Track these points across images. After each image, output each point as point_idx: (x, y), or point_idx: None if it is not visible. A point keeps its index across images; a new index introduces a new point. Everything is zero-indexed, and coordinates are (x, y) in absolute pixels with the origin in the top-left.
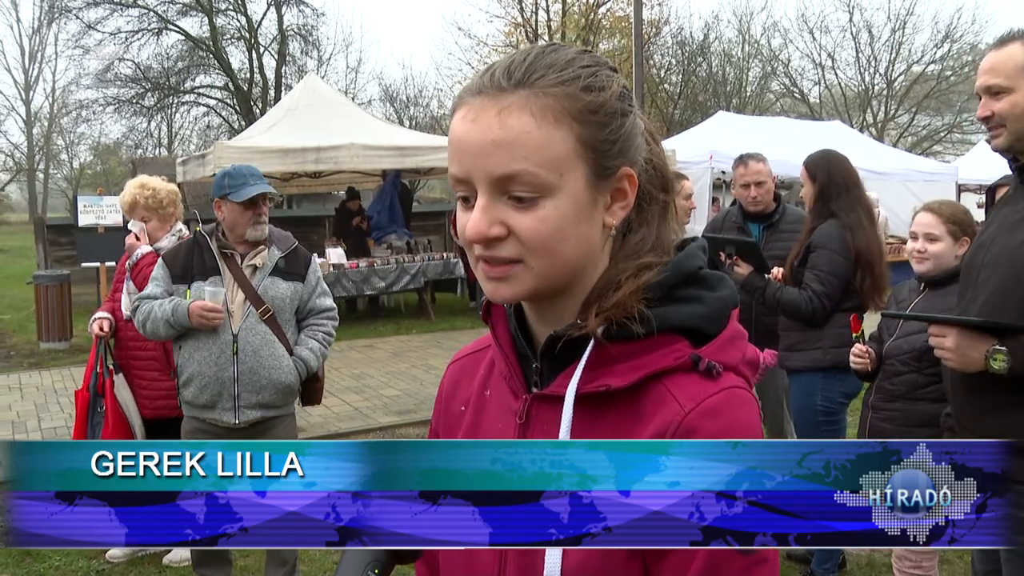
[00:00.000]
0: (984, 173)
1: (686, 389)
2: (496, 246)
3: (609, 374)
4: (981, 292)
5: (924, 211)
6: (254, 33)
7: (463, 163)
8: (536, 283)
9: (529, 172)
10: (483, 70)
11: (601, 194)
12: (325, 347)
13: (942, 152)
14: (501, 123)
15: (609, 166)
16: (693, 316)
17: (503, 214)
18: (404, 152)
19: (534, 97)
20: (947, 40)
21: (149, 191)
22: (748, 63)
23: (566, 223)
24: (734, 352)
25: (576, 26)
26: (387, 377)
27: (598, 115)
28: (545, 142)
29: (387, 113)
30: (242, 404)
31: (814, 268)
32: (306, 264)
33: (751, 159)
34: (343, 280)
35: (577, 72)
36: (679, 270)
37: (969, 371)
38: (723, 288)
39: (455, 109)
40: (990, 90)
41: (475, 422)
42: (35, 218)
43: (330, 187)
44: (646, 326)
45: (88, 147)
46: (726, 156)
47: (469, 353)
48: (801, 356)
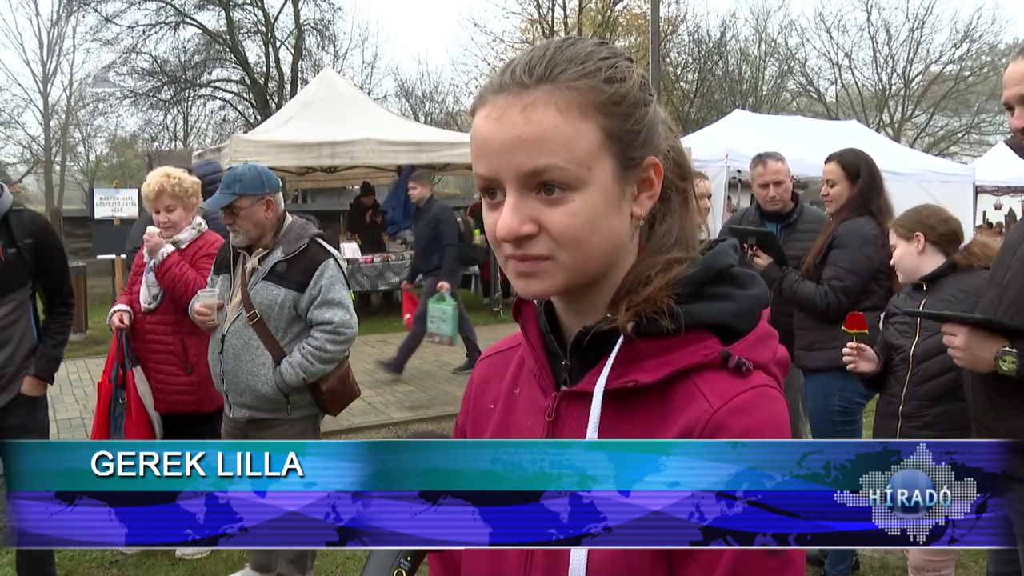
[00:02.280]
0: (1002, 175)
1: (715, 386)
2: (527, 244)
3: (638, 370)
4: (1007, 295)
5: None
6: (271, 27)
7: (490, 162)
8: (567, 278)
9: (558, 167)
10: (501, 69)
11: (628, 185)
12: (309, 362)
13: (959, 153)
14: (527, 119)
15: (635, 156)
16: (723, 313)
17: (533, 211)
18: (420, 147)
19: (558, 91)
20: (966, 40)
21: (175, 179)
22: (765, 62)
23: (596, 216)
24: (764, 351)
25: (593, 23)
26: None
27: (622, 106)
28: (572, 136)
29: (403, 108)
30: (231, 401)
31: (834, 264)
32: (309, 271)
33: (770, 158)
34: (357, 275)
35: (598, 64)
36: (710, 266)
37: (979, 371)
38: (755, 286)
39: (476, 109)
40: (1023, 99)
41: (504, 420)
42: (51, 210)
43: (345, 182)
44: (675, 322)
45: (104, 140)
46: (742, 155)
47: (500, 351)
48: (818, 355)
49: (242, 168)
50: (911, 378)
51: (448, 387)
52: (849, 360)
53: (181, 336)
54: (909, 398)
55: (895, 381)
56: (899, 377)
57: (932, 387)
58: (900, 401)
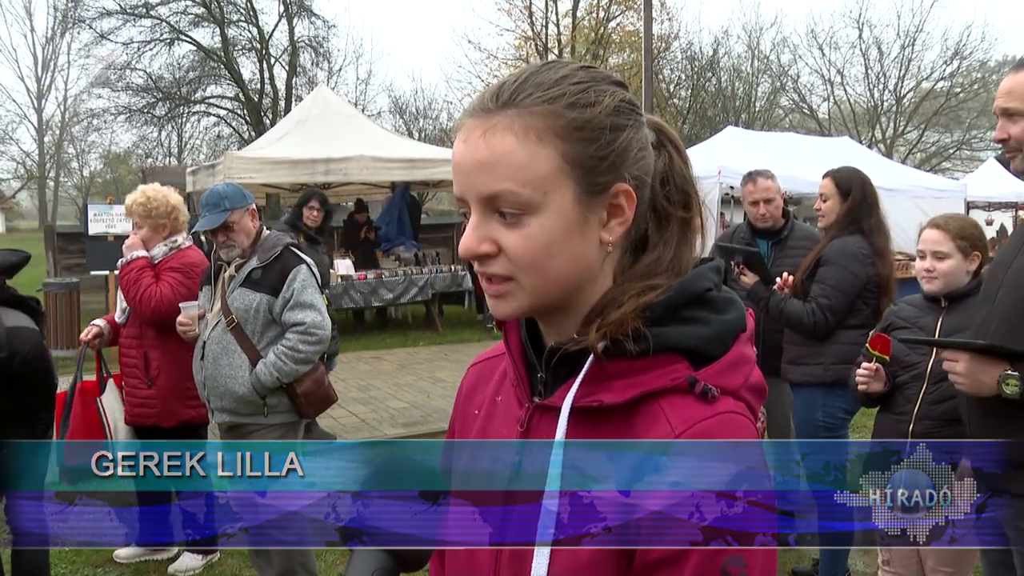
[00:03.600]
0: (993, 190)
1: (680, 411)
2: (488, 263)
3: (605, 390)
4: (998, 312)
5: (931, 227)
6: (265, 44)
7: (459, 183)
8: (531, 300)
9: (511, 191)
10: (480, 93)
11: (593, 211)
12: (283, 361)
13: (951, 169)
14: (487, 143)
15: (599, 182)
16: (694, 337)
17: (493, 231)
18: (413, 164)
19: (518, 117)
20: (956, 57)
21: (143, 198)
22: (757, 78)
23: (553, 240)
24: (735, 376)
25: (586, 40)
26: (394, 389)
27: (584, 131)
28: (527, 161)
29: (397, 125)
30: (212, 406)
31: (822, 281)
32: (283, 276)
33: (760, 176)
34: (351, 291)
35: (564, 89)
36: (685, 290)
37: (981, 395)
38: (731, 311)
39: (455, 131)
40: (1007, 112)
41: (485, 426)
42: (45, 226)
43: (339, 198)
44: (642, 344)
45: (99, 156)
46: (735, 171)
47: (489, 358)
48: (803, 370)
49: (220, 187)
50: (925, 396)
51: (441, 403)
52: (863, 381)
53: (144, 349)
54: (922, 417)
55: (904, 399)
56: (909, 395)
57: (951, 407)
58: (911, 420)
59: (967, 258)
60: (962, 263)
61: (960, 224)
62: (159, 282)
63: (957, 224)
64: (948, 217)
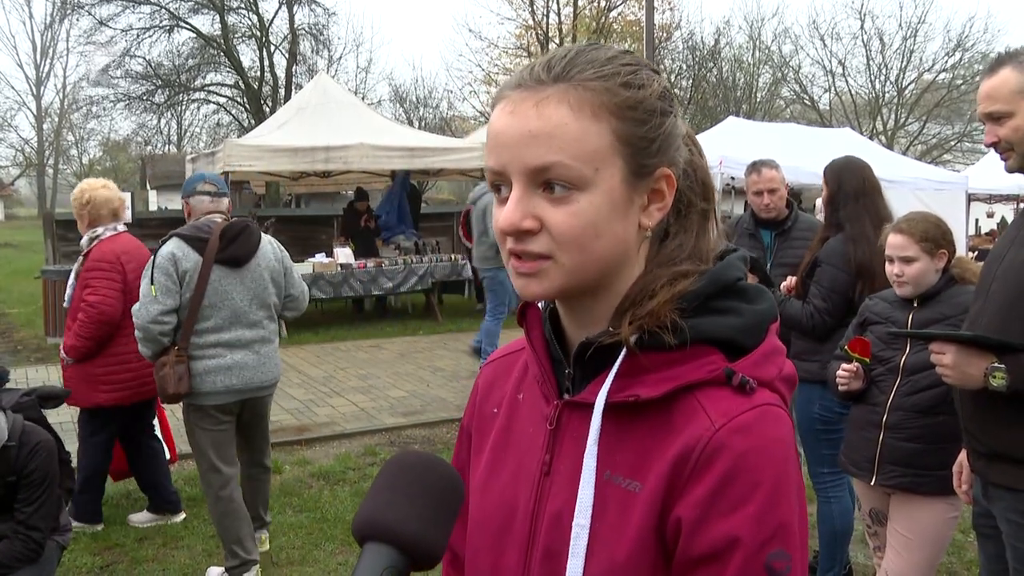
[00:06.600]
0: (994, 183)
1: (718, 404)
2: (528, 240)
3: (640, 384)
4: (991, 305)
5: (895, 232)
6: (265, 32)
7: (500, 155)
8: (566, 280)
9: (564, 164)
10: (524, 67)
11: (638, 193)
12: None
13: (952, 161)
14: (539, 114)
15: (647, 164)
16: (729, 328)
17: (537, 207)
18: (413, 153)
19: (572, 90)
20: (959, 48)
21: (77, 192)
22: (759, 69)
23: (600, 219)
24: (770, 367)
25: (587, 30)
26: (393, 378)
27: (636, 111)
28: (581, 135)
29: (397, 114)
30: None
31: (818, 283)
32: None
33: (764, 166)
34: (350, 280)
35: (617, 68)
36: (716, 280)
37: (968, 388)
38: (762, 301)
39: (495, 104)
40: (991, 116)
41: (507, 425)
42: (44, 213)
43: (339, 187)
44: (679, 336)
45: (98, 143)
46: (736, 162)
47: (504, 355)
48: (801, 365)
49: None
50: (899, 389)
51: (441, 392)
52: (843, 381)
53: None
54: (895, 408)
55: (879, 391)
56: (883, 387)
57: (921, 399)
58: (884, 411)
59: (933, 258)
60: (930, 263)
61: (923, 227)
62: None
63: (920, 227)
64: (910, 220)
